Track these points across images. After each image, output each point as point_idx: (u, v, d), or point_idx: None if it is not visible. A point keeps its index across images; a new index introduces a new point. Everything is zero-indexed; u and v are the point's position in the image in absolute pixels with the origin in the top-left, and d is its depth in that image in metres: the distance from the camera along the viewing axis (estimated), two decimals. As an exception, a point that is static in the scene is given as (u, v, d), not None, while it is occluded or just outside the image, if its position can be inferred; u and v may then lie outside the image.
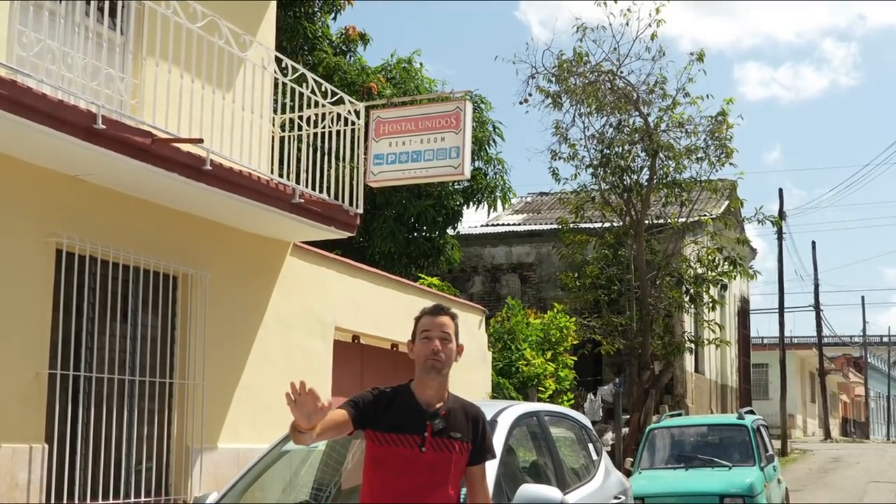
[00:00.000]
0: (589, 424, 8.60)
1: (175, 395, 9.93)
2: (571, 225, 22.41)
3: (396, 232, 18.91)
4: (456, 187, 19.42)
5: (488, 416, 6.64)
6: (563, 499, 6.15)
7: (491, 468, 6.18)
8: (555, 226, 24.54)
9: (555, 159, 21.84)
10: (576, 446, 8.05)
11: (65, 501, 8.55)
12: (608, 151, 21.62)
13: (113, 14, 8.92)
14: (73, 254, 8.68)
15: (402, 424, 4.36)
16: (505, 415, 6.77)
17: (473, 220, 25.68)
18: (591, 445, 8.16)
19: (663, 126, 21.43)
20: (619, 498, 7.94)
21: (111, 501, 9.00)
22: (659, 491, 12.87)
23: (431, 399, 4.43)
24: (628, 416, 21.31)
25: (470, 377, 16.30)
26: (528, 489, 6.09)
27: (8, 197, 8.11)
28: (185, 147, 8.89)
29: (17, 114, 7.31)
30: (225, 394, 10.51)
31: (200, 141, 8.92)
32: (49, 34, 8.07)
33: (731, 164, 21.59)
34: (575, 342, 20.69)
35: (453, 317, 4.55)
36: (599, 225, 22.62)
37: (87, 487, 8.79)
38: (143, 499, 9.37)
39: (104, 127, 7.97)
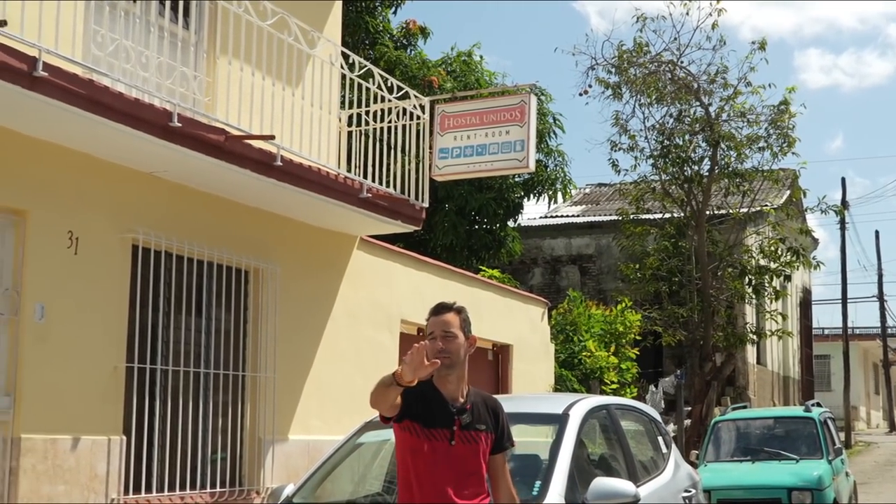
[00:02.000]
0: (658, 417, 8.60)
1: (247, 387, 10.08)
2: (631, 216, 22.30)
3: (458, 225, 18.96)
4: (517, 180, 19.42)
5: (559, 410, 6.72)
6: (637, 492, 6.17)
7: (562, 461, 6.25)
8: (614, 217, 24.44)
9: (614, 150, 21.71)
10: (645, 439, 8.05)
11: (142, 493, 8.73)
12: (668, 142, 21.47)
13: (186, 13, 9.06)
14: (148, 249, 8.84)
15: (433, 418, 4.54)
16: (576, 408, 6.80)
17: (533, 211, 25.67)
18: (660, 438, 8.16)
19: (724, 116, 21.22)
20: (690, 491, 7.92)
21: (187, 492, 9.17)
22: (726, 484, 12.82)
23: (453, 393, 4.60)
24: (690, 409, 21.21)
25: (533, 369, 16.35)
26: (602, 483, 6.13)
27: (87, 194, 8.28)
28: (256, 143, 9.01)
29: (95, 113, 7.46)
30: (295, 386, 10.65)
31: (272, 137, 9.04)
32: (124, 33, 8.21)
33: (793, 153, 21.37)
34: (638, 336, 20.63)
35: (458, 311, 4.67)
36: (660, 216, 22.49)
37: (163, 479, 8.96)
38: (217, 489, 9.54)
39: (179, 125, 8.11)
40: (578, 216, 28.66)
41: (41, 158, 7.88)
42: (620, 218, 22.74)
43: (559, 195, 20.56)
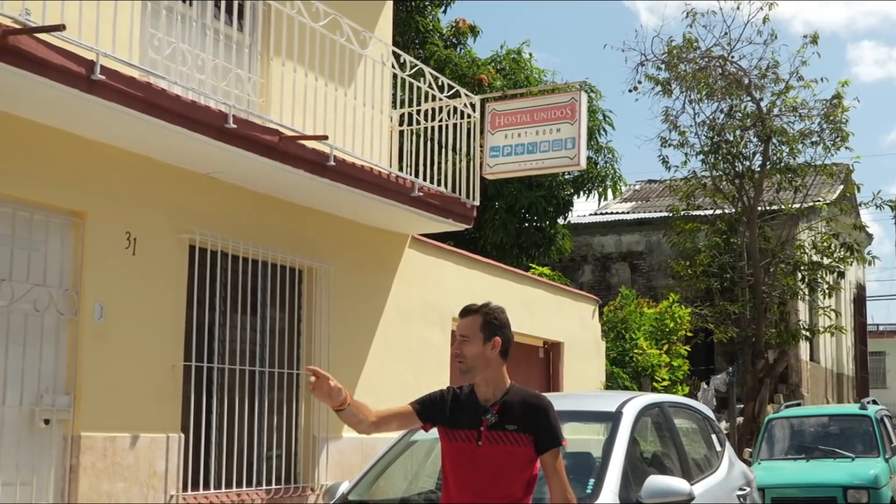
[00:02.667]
0: (712, 415, 8.55)
1: (301, 385, 10.17)
2: (682, 213, 22.19)
3: (508, 223, 18.97)
4: (567, 177, 19.40)
5: (612, 408, 6.70)
6: (691, 490, 6.15)
7: (616, 459, 6.24)
8: (665, 214, 24.31)
9: (664, 147, 21.65)
10: (699, 437, 8.01)
11: (200, 489, 8.84)
12: (719, 138, 21.33)
13: (240, 15, 9.15)
14: (205, 249, 8.96)
15: (461, 420, 4.54)
16: (629, 406, 6.78)
17: (582, 209, 25.65)
18: (714, 436, 8.11)
19: (776, 111, 21.07)
20: (744, 490, 7.87)
21: (243, 489, 9.28)
22: (780, 482, 12.73)
23: (487, 394, 4.54)
24: (742, 406, 21.05)
25: (584, 366, 16.32)
26: (656, 481, 6.11)
27: (144, 195, 8.40)
28: (309, 144, 9.09)
29: (152, 115, 7.56)
30: (348, 384, 10.60)
31: (325, 138, 9.11)
32: (180, 37, 8.32)
33: (846, 147, 21.18)
34: (689, 334, 20.52)
35: (480, 313, 4.59)
36: (711, 212, 22.36)
37: (220, 476, 9.07)
38: (273, 486, 9.63)
39: (235, 126, 8.20)
40: (628, 213, 28.52)
41: (99, 160, 8.00)
42: (671, 214, 22.64)
43: (609, 192, 20.50)
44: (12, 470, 7.32)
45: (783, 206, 21.55)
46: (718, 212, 22.11)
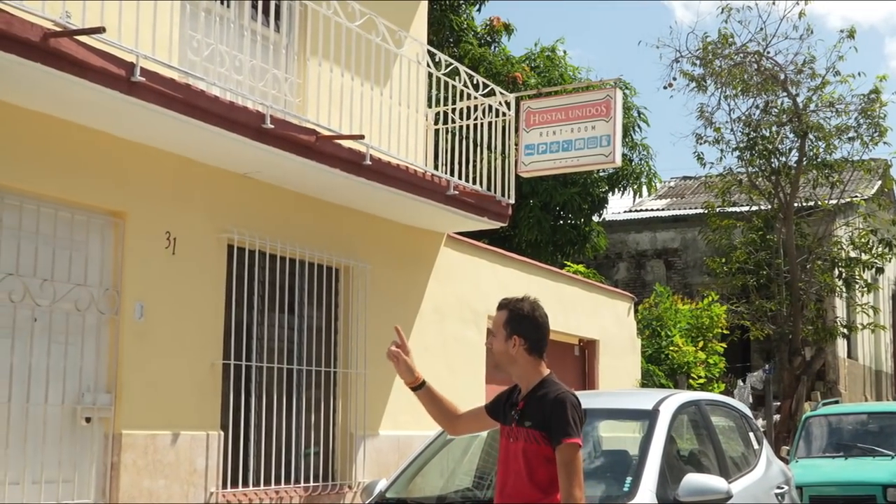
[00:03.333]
0: (749, 413, 8.52)
1: (338, 383, 10.24)
2: (718, 209, 22.10)
3: (542, 220, 18.96)
4: (601, 174, 19.37)
5: (649, 406, 6.69)
6: (729, 488, 6.13)
7: (653, 457, 6.23)
8: (700, 210, 24.21)
9: (700, 143, 21.57)
10: (736, 435, 7.98)
11: (239, 487, 8.92)
12: (755, 133, 21.23)
13: (277, 16, 9.22)
14: (243, 248, 9.03)
15: (505, 417, 4.57)
16: (666, 404, 6.77)
17: (617, 206, 25.54)
18: (751, 434, 8.08)
19: (812, 106, 20.92)
20: (782, 488, 7.84)
21: (281, 486, 9.35)
22: (819, 480, 12.64)
23: (522, 390, 4.54)
24: (779, 404, 20.94)
25: (619, 364, 16.29)
26: (694, 479, 6.09)
27: (183, 195, 8.49)
28: (346, 143, 9.14)
29: (191, 116, 7.63)
30: (385, 382, 10.75)
31: (362, 137, 9.16)
32: (217, 37, 8.40)
33: (884, 142, 20.98)
34: (725, 331, 20.43)
35: (507, 308, 4.59)
36: (746, 209, 22.25)
37: (259, 473, 9.15)
38: (311, 484, 9.70)
39: (272, 126, 8.26)
40: (663, 210, 28.43)
41: (139, 161, 8.09)
42: (706, 211, 22.56)
43: (644, 189, 20.45)
44: (54, 467, 7.42)
45: (820, 203, 21.42)
46: (754, 208, 22.01)
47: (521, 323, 4.52)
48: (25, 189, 7.28)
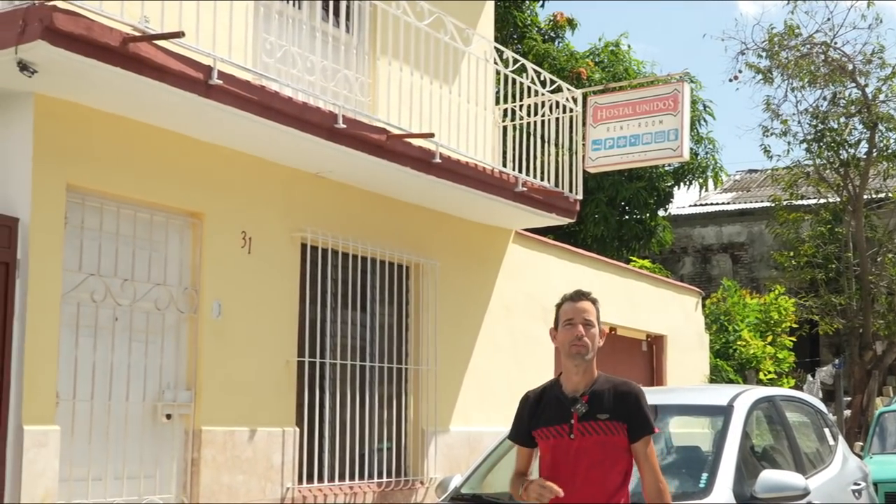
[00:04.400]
0: (824, 409, 8.44)
1: (410, 380, 10.32)
2: (785, 202, 21.86)
3: (608, 215, 18.91)
4: (667, 168, 19.26)
5: (724, 402, 6.67)
6: (806, 485, 6.09)
7: (729, 453, 6.21)
8: (767, 204, 23.96)
9: (766, 136, 21.30)
10: (811, 431, 7.90)
11: (314, 482, 9.04)
12: (823, 125, 20.93)
13: (347, 17, 9.32)
14: (315, 247, 9.16)
15: (551, 417, 4.42)
16: (741, 399, 6.73)
17: (682, 200, 25.38)
18: (827, 430, 8.00)
19: (882, 97, 20.58)
20: (859, 484, 7.74)
21: (355, 482, 9.46)
22: (894, 476, 12.48)
23: (578, 385, 4.42)
24: (849, 399, 20.67)
25: (687, 359, 16.21)
26: (771, 475, 6.05)
27: (258, 195, 8.62)
28: (416, 141, 9.21)
29: (266, 117, 7.76)
30: (455, 378, 10.84)
31: (431, 135, 9.22)
32: (289, 39, 8.51)
33: (957, 133, 20.60)
34: (793, 324, 20.21)
35: (594, 301, 4.50)
36: (814, 201, 21.98)
37: (333, 469, 9.27)
38: (384, 479, 9.79)
39: (344, 126, 8.36)
40: (729, 203, 28.16)
41: (216, 162, 8.23)
42: (773, 204, 22.31)
43: (710, 183, 20.29)
44: (136, 463, 7.59)
45: (890, 194, 21.07)
46: (823, 201, 21.72)
47: (600, 316, 4.52)
48: (106, 191, 7.45)
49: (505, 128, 11.54)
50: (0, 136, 7.05)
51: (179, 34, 6.81)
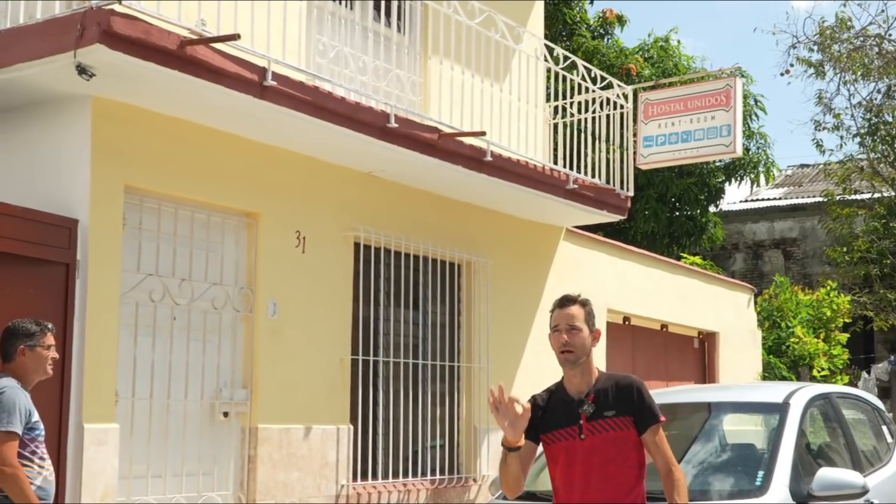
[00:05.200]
0: (881, 406, 8.35)
1: (462, 377, 10.36)
2: (838, 197, 21.63)
3: (659, 212, 18.83)
4: (718, 164, 19.13)
5: (779, 399, 6.62)
6: (865, 483, 6.03)
7: (785, 451, 6.17)
8: (819, 199, 23.70)
9: (818, 130, 21.13)
10: (868, 429, 7.82)
11: (369, 479, 9.10)
12: (877, 119, 20.71)
13: (399, 16, 9.36)
14: (368, 246, 9.21)
15: (559, 420, 4.44)
16: (796, 397, 6.68)
17: (732, 196, 25.17)
18: (884, 428, 7.91)
19: (938, 89, 20.35)
20: (920, 483, 7.66)
21: (409, 479, 9.51)
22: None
23: (581, 386, 4.44)
24: (905, 396, 20.42)
25: (739, 356, 16.10)
26: (828, 473, 6.00)
27: (312, 195, 8.69)
28: (467, 140, 9.24)
29: (320, 118, 7.82)
30: (507, 376, 10.84)
31: (483, 134, 9.24)
32: (342, 39, 8.57)
33: None
34: (847, 320, 20.00)
35: (583, 304, 4.50)
36: (868, 196, 21.72)
37: (387, 466, 9.32)
38: (437, 477, 9.83)
39: (396, 125, 8.40)
40: (780, 199, 27.87)
41: (270, 163, 8.31)
42: (826, 199, 22.08)
43: (762, 178, 20.12)
44: (195, 461, 7.69)
45: (946, 188, 20.81)
46: (877, 195, 21.47)
47: (594, 319, 4.55)
48: (163, 192, 7.55)
49: (556, 125, 11.54)
50: (59, 138, 7.17)
51: (235, 36, 6.88)
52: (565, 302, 4.51)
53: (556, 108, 11.60)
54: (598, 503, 4.32)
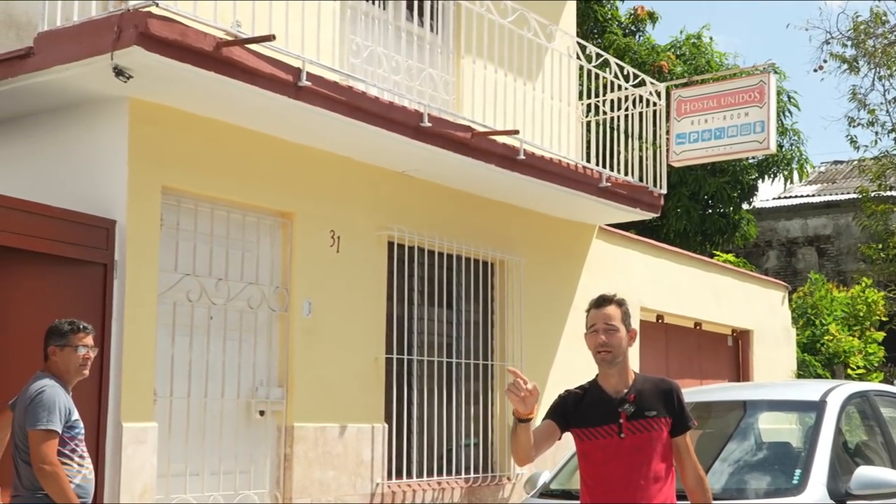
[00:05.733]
0: (919, 404, 8.28)
1: (496, 376, 10.36)
2: (873, 193, 21.43)
3: (691, 210, 18.75)
4: (751, 161, 19.03)
5: (816, 397, 6.59)
6: (905, 482, 5.99)
7: (822, 450, 6.13)
8: (853, 195, 23.50)
9: (852, 126, 20.93)
10: (906, 427, 7.77)
11: (403, 478, 9.13)
12: (912, 114, 20.51)
13: (432, 16, 9.38)
14: (402, 245, 9.24)
15: (597, 417, 4.46)
16: (834, 395, 6.64)
17: (766, 193, 25.00)
18: (923, 426, 7.86)
19: (974, 84, 20.12)
20: (958, 482, 7.58)
21: (443, 477, 9.53)
22: None
23: (617, 386, 4.47)
24: (942, 394, 20.19)
25: (773, 354, 16.02)
26: (867, 472, 5.95)
27: (346, 195, 8.73)
28: (500, 139, 9.24)
29: (354, 118, 7.86)
30: (541, 374, 10.83)
31: (516, 132, 9.25)
32: (375, 39, 8.60)
33: None
34: (883, 318, 19.83)
35: (620, 304, 4.54)
36: (904, 192, 21.54)
37: (422, 464, 9.34)
38: (471, 475, 9.85)
39: (430, 125, 8.43)
40: (814, 196, 27.67)
41: (305, 163, 8.36)
42: (861, 196, 21.89)
43: (795, 175, 19.99)
44: (231, 459, 7.74)
45: (983, 184, 20.59)
46: (913, 191, 21.28)
47: (630, 318, 4.59)
48: (200, 193, 7.60)
49: (588, 123, 11.53)
50: (96, 140, 7.24)
51: (271, 37, 6.92)
52: (602, 302, 4.54)
53: (588, 105, 11.59)
54: (645, 502, 4.36)
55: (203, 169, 7.57)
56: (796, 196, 27.76)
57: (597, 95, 11.34)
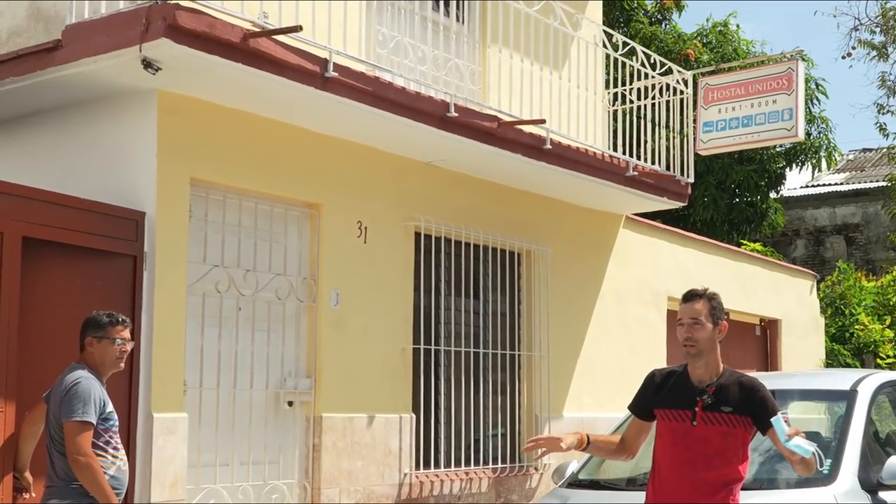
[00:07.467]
0: (951, 393, 8.22)
1: (522, 366, 10.36)
2: (902, 181, 21.27)
3: (718, 199, 18.67)
4: (779, 150, 18.91)
5: (847, 386, 6.56)
6: (937, 472, 5.95)
7: (853, 439, 6.09)
8: (883, 183, 23.33)
9: (882, 113, 20.73)
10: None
11: (431, 468, 9.15)
12: (941, 102, 20.31)
13: (458, 6, 9.37)
14: (429, 235, 9.24)
15: (675, 401, 4.62)
16: (864, 384, 6.62)
17: (793, 181, 24.85)
18: (955, 416, 7.80)
19: None
20: None
21: (471, 467, 9.54)
22: None
23: (702, 377, 4.61)
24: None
25: (802, 344, 15.93)
26: (898, 461, 5.95)
27: (373, 185, 8.73)
28: (526, 128, 9.23)
29: (380, 108, 7.86)
30: (567, 364, 10.84)
31: (543, 122, 9.23)
32: (401, 30, 8.60)
33: None
34: (913, 306, 19.69)
35: (709, 299, 4.65)
36: (934, 179, 21.34)
37: (449, 454, 9.36)
38: (498, 465, 9.85)
39: (456, 115, 8.42)
40: (842, 184, 27.48)
41: (332, 154, 8.37)
42: (890, 184, 21.72)
43: (823, 163, 19.86)
44: (260, 449, 7.78)
45: None
46: (942, 179, 21.07)
47: (721, 312, 4.68)
48: (228, 184, 7.63)
49: (615, 112, 11.48)
50: (125, 132, 7.27)
51: (298, 28, 6.94)
52: (690, 296, 4.69)
53: (615, 94, 11.54)
54: (700, 491, 4.49)
55: (231, 160, 7.59)
56: (824, 184, 27.58)
57: (623, 84, 11.29)
